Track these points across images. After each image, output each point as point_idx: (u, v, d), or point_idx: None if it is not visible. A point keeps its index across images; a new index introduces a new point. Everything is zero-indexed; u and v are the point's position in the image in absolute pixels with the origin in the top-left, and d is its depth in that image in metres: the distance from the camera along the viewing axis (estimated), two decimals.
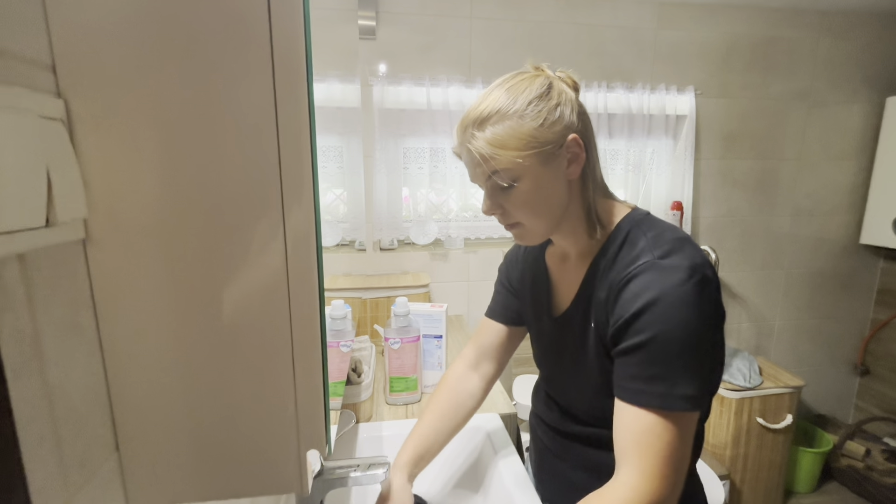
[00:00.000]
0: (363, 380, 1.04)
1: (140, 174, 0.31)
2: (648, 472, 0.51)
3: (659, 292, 0.51)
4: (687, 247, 0.55)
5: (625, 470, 0.53)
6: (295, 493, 0.37)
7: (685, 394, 0.51)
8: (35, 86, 0.27)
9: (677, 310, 0.51)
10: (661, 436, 0.51)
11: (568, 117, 0.57)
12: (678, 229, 0.59)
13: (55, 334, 0.28)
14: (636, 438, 0.52)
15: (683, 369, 0.51)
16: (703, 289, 0.52)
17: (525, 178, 0.57)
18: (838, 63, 1.89)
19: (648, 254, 0.55)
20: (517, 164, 0.56)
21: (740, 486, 1.76)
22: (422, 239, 1.69)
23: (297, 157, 0.33)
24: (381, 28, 1.57)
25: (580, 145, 0.58)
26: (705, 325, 0.52)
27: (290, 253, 0.34)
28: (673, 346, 0.51)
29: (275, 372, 0.35)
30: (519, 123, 0.56)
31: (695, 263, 0.53)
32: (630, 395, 0.53)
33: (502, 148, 0.56)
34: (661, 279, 0.52)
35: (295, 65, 0.32)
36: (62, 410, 0.29)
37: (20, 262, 0.25)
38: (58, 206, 0.26)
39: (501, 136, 0.56)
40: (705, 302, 0.52)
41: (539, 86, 0.57)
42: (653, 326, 0.51)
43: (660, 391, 0.51)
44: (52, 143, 0.26)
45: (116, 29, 0.30)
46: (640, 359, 0.53)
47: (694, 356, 0.51)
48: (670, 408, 0.51)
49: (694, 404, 0.51)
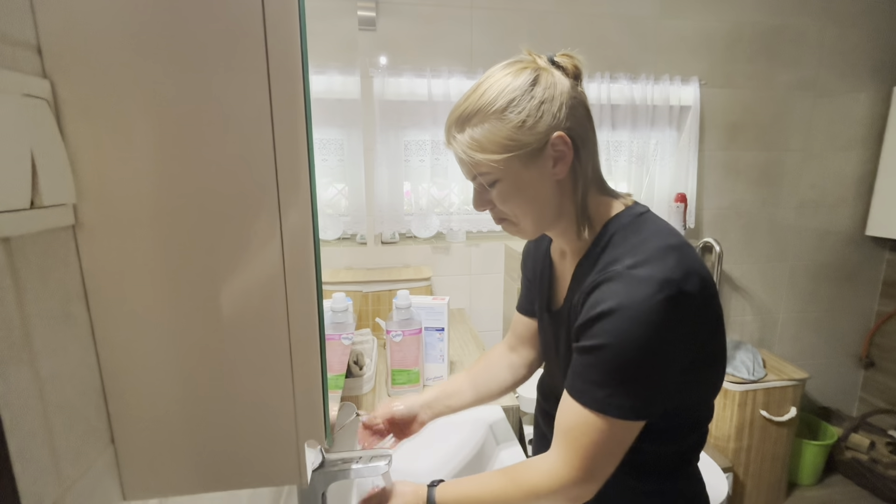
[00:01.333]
0: (365, 372, 1.04)
1: (132, 160, 0.30)
2: (568, 461, 0.54)
3: (618, 303, 0.50)
4: (669, 257, 0.51)
5: (553, 451, 0.57)
6: (294, 484, 0.36)
7: (621, 404, 0.52)
8: (18, 66, 0.26)
9: (632, 325, 0.49)
10: (588, 433, 0.53)
11: (553, 115, 0.54)
12: (671, 234, 0.55)
13: (46, 324, 0.28)
14: (567, 428, 0.55)
15: (624, 382, 0.51)
16: (672, 305, 0.49)
17: (506, 179, 0.56)
18: (845, 52, 1.86)
19: (621, 262, 0.53)
20: (494, 167, 0.55)
21: (744, 478, 1.75)
22: (423, 232, 1.69)
23: (292, 143, 0.32)
24: (381, 19, 1.55)
25: (567, 143, 0.55)
26: (663, 344, 0.50)
27: (286, 241, 0.33)
28: (618, 360, 0.51)
29: (272, 362, 0.35)
30: (497, 126, 0.54)
31: (668, 277, 0.49)
32: (574, 390, 0.55)
33: (480, 151, 0.55)
34: (626, 291, 0.50)
35: (290, 52, 0.31)
36: (54, 403, 0.28)
37: (6, 249, 0.24)
38: (42, 188, 0.25)
39: (479, 139, 0.55)
40: (673, 318, 0.49)
41: (523, 81, 0.54)
42: (604, 335, 0.51)
43: (599, 396, 0.52)
44: (37, 122, 0.26)
45: (106, 10, 0.29)
46: (587, 362, 0.54)
47: (639, 372, 0.51)
48: (605, 412, 0.52)
49: (630, 414, 0.52)
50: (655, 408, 0.54)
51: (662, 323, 0.49)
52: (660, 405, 0.54)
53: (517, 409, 0.99)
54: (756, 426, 1.71)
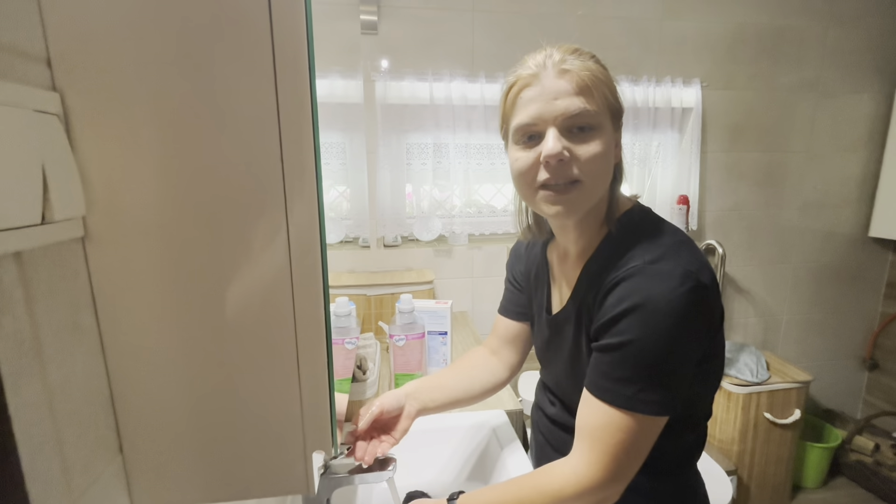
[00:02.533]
0: (368, 377, 1.04)
1: (140, 171, 0.31)
2: (594, 462, 0.53)
3: (644, 298, 0.51)
4: (683, 251, 0.53)
5: (576, 454, 0.56)
6: (301, 494, 0.36)
7: (650, 399, 0.51)
8: (29, 79, 0.26)
9: (660, 318, 0.50)
10: (615, 433, 0.52)
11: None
12: (678, 231, 0.58)
13: (55, 336, 0.28)
14: (592, 430, 0.54)
15: (653, 377, 0.51)
16: (695, 296, 0.50)
17: (603, 130, 0.55)
18: (847, 52, 1.86)
19: (639, 258, 0.54)
20: (606, 109, 0.56)
21: (748, 481, 1.75)
22: (425, 235, 1.69)
23: (299, 152, 0.32)
24: (382, 23, 1.55)
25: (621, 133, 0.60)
26: (687, 335, 0.51)
27: (293, 250, 0.33)
28: (647, 355, 0.51)
29: (279, 371, 0.35)
30: (608, 77, 0.56)
31: (688, 270, 0.51)
32: (597, 389, 0.54)
33: (602, 84, 0.55)
34: (649, 285, 0.51)
35: (296, 58, 0.31)
36: (64, 413, 0.28)
37: (17, 262, 0.25)
38: (54, 202, 0.25)
39: (601, 76, 0.55)
40: (693, 311, 0.50)
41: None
42: (631, 331, 0.51)
43: (626, 393, 0.52)
44: (48, 138, 0.26)
45: (114, 23, 0.29)
46: (612, 359, 0.53)
47: (667, 366, 0.51)
48: (632, 409, 0.52)
49: (659, 409, 0.52)
50: (679, 401, 0.54)
51: (686, 315, 0.50)
52: (682, 398, 0.54)
53: (520, 412, 0.99)
54: (760, 429, 1.71)
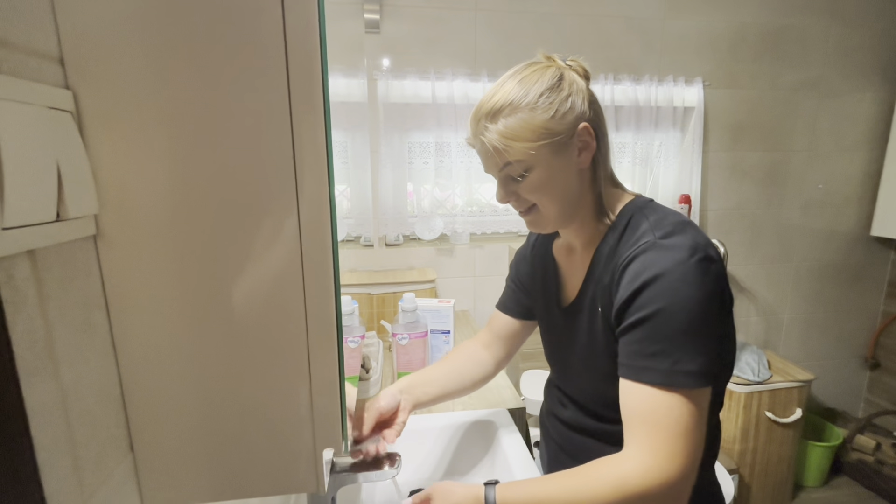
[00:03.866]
0: (371, 375, 1.04)
1: (152, 169, 0.31)
2: (658, 450, 0.49)
3: (660, 269, 0.52)
4: (689, 229, 0.56)
5: (633, 445, 0.52)
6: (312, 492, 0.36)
7: (689, 370, 0.50)
8: (42, 77, 0.26)
9: (679, 285, 0.51)
10: (668, 413, 0.50)
11: (579, 107, 0.58)
12: (681, 214, 0.60)
13: (68, 334, 0.28)
14: (643, 417, 0.51)
15: (686, 345, 0.51)
16: (706, 267, 0.52)
17: (537, 168, 0.59)
18: (850, 51, 1.86)
19: (650, 235, 0.56)
20: (529, 155, 0.58)
21: (749, 480, 1.75)
22: (427, 234, 1.69)
23: (312, 151, 0.32)
24: (385, 22, 1.55)
25: (591, 134, 0.59)
26: (708, 302, 0.52)
27: (305, 248, 0.33)
28: (674, 322, 0.51)
29: (290, 369, 0.35)
30: (531, 115, 0.57)
31: (697, 243, 0.53)
32: (633, 372, 0.53)
33: (515, 140, 0.57)
34: (663, 257, 0.53)
35: (309, 57, 0.31)
36: (76, 412, 0.28)
37: (31, 260, 0.24)
38: (68, 200, 0.25)
39: (514, 128, 0.57)
40: (708, 279, 0.52)
41: (550, 77, 0.58)
42: (654, 302, 0.52)
43: (663, 367, 0.51)
44: (62, 135, 0.26)
45: (126, 21, 0.29)
46: (642, 335, 0.53)
47: (697, 332, 0.51)
48: (674, 384, 0.50)
49: (699, 380, 0.51)
50: (712, 374, 0.52)
51: (702, 282, 0.51)
52: (715, 372, 0.52)
53: (523, 410, 0.99)
54: (761, 428, 1.71)
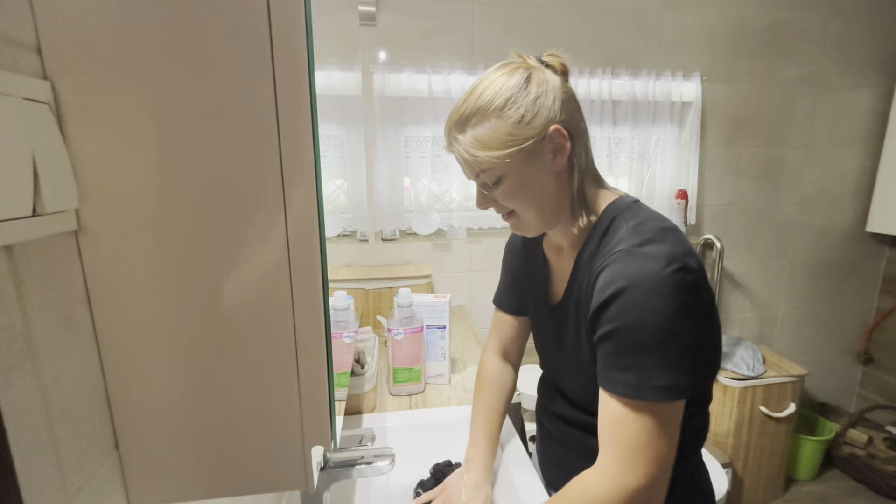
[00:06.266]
0: (366, 371, 1.04)
1: (134, 163, 0.30)
2: (622, 459, 0.51)
3: (630, 281, 0.51)
4: (669, 236, 0.54)
5: (602, 456, 0.54)
6: (300, 489, 0.36)
7: (658, 384, 0.50)
8: (17, 67, 0.25)
9: (648, 298, 0.50)
10: (632, 425, 0.51)
11: (548, 109, 0.56)
12: (664, 219, 0.58)
13: (48, 331, 0.27)
14: (611, 426, 0.53)
15: (654, 360, 0.50)
16: (681, 278, 0.50)
17: (510, 175, 0.58)
18: (847, 47, 1.85)
19: (626, 242, 0.54)
20: (498, 163, 0.57)
21: (742, 474, 1.76)
22: (424, 229, 1.68)
23: (297, 145, 0.31)
24: (381, 14, 1.53)
25: (564, 135, 0.57)
26: (680, 315, 0.50)
27: (291, 244, 0.32)
28: (642, 336, 0.50)
29: (278, 366, 0.34)
30: (497, 123, 0.56)
31: (673, 253, 0.51)
32: (607, 382, 0.54)
33: (483, 149, 0.56)
34: (634, 267, 0.51)
35: (295, 49, 0.30)
36: (58, 410, 0.28)
37: (8, 256, 0.24)
38: (45, 194, 0.24)
39: (481, 137, 0.56)
40: (682, 292, 0.50)
41: (518, 80, 0.56)
42: (622, 316, 0.51)
43: (631, 381, 0.51)
44: (37, 127, 0.25)
45: (107, 10, 0.28)
46: (613, 347, 0.53)
47: (666, 347, 0.50)
48: (641, 397, 0.50)
49: (667, 395, 0.50)
50: (686, 387, 0.51)
51: (674, 295, 0.49)
52: (690, 381, 0.52)
53: (518, 406, 0.99)
54: (755, 422, 1.72)
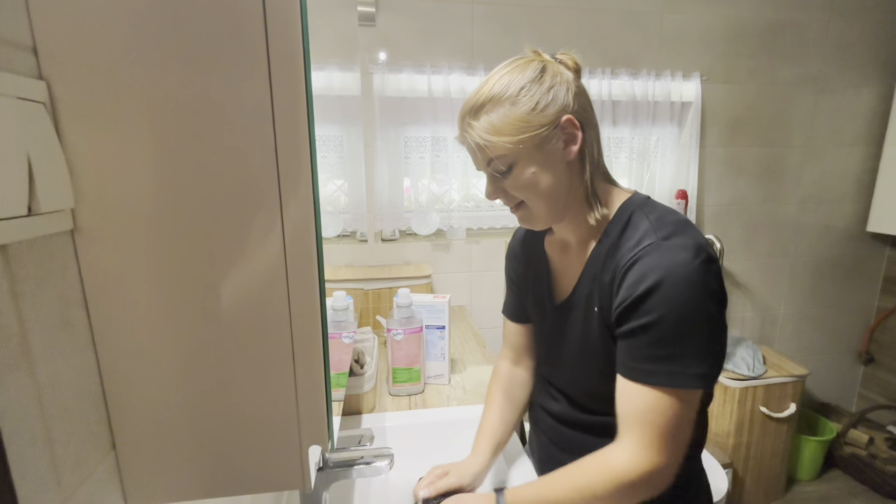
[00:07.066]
0: (366, 371, 1.04)
1: (131, 162, 0.30)
2: (650, 445, 0.53)
3: (665, 272, 0.52)
4: (689, 228, 0.56)
5: (627, 438, 0.55)
6: (297, 489, 0.36)
7: (697, 372, 0.52)
8: (13, 67, 0.25)
9: (684, 289, 0.51)
10: (666, 412, 0.53)
11: (562, 98, 0.57)
12: (678, 212, 0.60)
13: (44, 331, 0.27)
14: (641, 415, 0.54)
15: (695, 348, 0.52)
16: (708, 267, 0.52)
17: (521, 162, 0.58)
18: (848, 47, 1.85)
19: (652, 235, 0.55)
20: (512, 149, 0.57)
21: (743, 474, 1.76)
22: (423, 229, 1.68)
23: (294, 145, 0.31)
24: (380, 14, 1.53)
25: (575, 125, 0.58)
26: (713, 304, 0.53)
27: (288, 244, 0.32)
28: (683, 326, 0.52)
29: (275, 366, 0.34)
30: (511, 109, 0.57)
31: (699, 243, 0.53)
32: (640, 375, 0.54)
33: (497, 135, 0.57)
34: (667, 259, 0.52)
35: (291, 49, 0.30)
36: (54, 410, 0.28)
37: (3, 256, 0.24)
38: (40, 193, 0.24)
39: (495, 123, 0.57)
40: (711, 280, 0.53)
41: (532, 70, 0.58)
42: (661, 307, 0.52)
43: (673, 370, 0.52)
44: (33, 126, 0.25)
45: (103, 9, 0.28)
46: (650, 339, 0.53)
47: (704, 334, 0.52)
48: (681, 386, 0.52)
49: (704, 382, 0.53)
50: (720, 370, 0.54)
51: (705, 284, 0.52)
52: (720, 368, 0.54)
53: None
54: (756, 422, 1.72)
